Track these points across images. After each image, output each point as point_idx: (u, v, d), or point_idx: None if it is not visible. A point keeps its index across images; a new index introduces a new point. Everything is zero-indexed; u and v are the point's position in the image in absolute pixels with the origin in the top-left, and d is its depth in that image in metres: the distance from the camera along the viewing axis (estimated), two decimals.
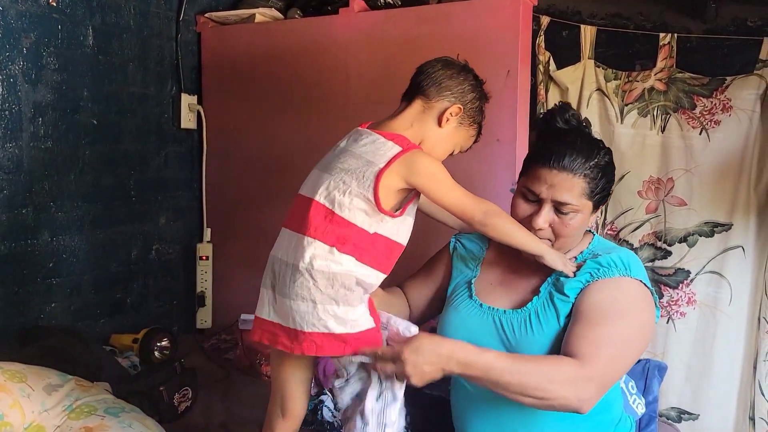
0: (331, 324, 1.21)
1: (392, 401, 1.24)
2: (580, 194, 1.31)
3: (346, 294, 1.22)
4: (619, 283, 1.29)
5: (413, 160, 1.22)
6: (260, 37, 2.37)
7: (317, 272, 1.20)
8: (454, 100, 1.30)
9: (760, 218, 2.22)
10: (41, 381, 1.53)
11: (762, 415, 2.22)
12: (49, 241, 1.99)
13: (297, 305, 1.22)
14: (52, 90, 1.96)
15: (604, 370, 1.20)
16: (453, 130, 1.32)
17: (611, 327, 1.23)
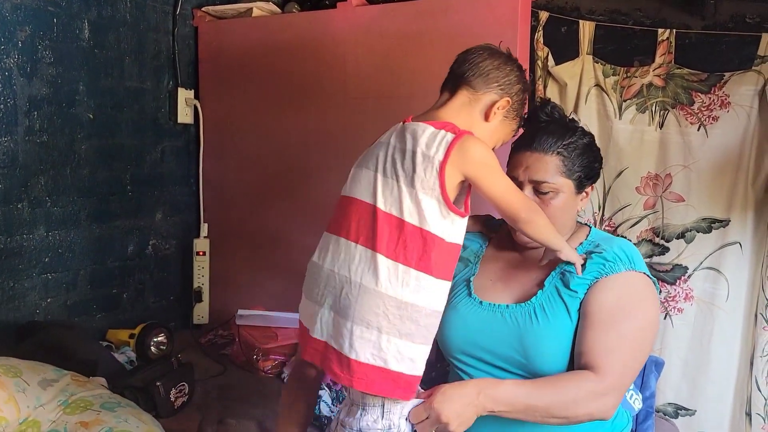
0: (391, 359, 1.12)
1: None
2: (555, 172, 1.33)
3: (411, 328, 1.12)
4: (626, 279, 1.30)
5: (466, 146, 1.14)
6: (257, 31, 2.36)
7: (389, 297, 1.10)
8: (501, 92, 1.24)
9: (758, 214, 2.22)
10: (37, 376, 1.52)
11: (758, 411, 2.22)
12: (44, 235, 1.98)
13: (360, 330, 1.11)
14: (47, 84, 1.94)
15: (621, 379, 1.24)
16: (499, 124, 1.26)
17: (622, 329, 1.26)
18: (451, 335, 1.38)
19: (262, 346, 2.02)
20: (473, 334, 1.33)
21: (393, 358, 1.12)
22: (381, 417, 1.16)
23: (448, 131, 1.16)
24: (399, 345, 1.12)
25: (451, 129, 1.17)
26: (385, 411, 1.16)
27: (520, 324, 1.31)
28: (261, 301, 2.33)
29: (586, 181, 1.38)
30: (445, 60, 1.32)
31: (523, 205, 1.21)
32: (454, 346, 1.39)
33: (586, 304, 1.29)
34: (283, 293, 2.36)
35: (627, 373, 1.26)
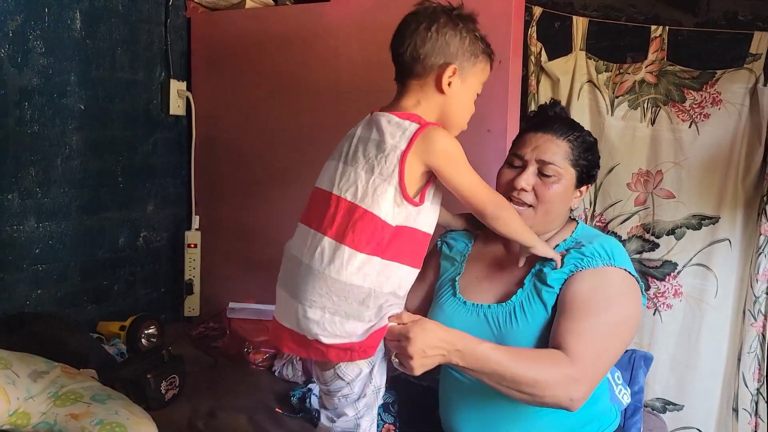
0: (339, 336, 1.14)
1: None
2: (563, 157, 1.36)
3: (358, 309, 1.14)
4: (603, 273, 1.30)
5: (431, 138, 1.13)
6: (251, 23, 2.34)
7: (333, 279, 1.12)
8: (444, 63, 1.18)
9: (747, 212, 2.24)
10: (27, 367, 1.52)
11: (745, 406, 2.25)
12: (35, 227, 1.96)
13: (307, 312, 1.14)
14: (38, 74, 1.93)
15: (594, 369, 1.21)
16: (461, 86, 1.21)
17: (597, 319, 1.24)
18: (443, 323, 1.38)
19: (253, 339, 2.02)
20: (462, 325, 1.34)
21: (341, 336, 1.14)
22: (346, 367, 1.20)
23: (413, 122, 1.16)
24: (345, 324, 1.13)
25: (416, 120, 1.16)
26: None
27: (500, 325, 1.32)
28: (252, 293, 2.32)
29: (586, 178, 1.41)
30: None
31: (491, 200, 1.21)
32: None
33: (562, 295, 1.29)
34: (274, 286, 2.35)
35: (599, 365, 1.23)
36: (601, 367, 1.25)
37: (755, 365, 2.23)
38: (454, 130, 1.24)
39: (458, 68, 1.19)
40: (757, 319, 2.21)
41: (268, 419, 1.69)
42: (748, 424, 2.25)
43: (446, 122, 1.21)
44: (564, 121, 1.42)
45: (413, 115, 1.18)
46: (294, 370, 1.93)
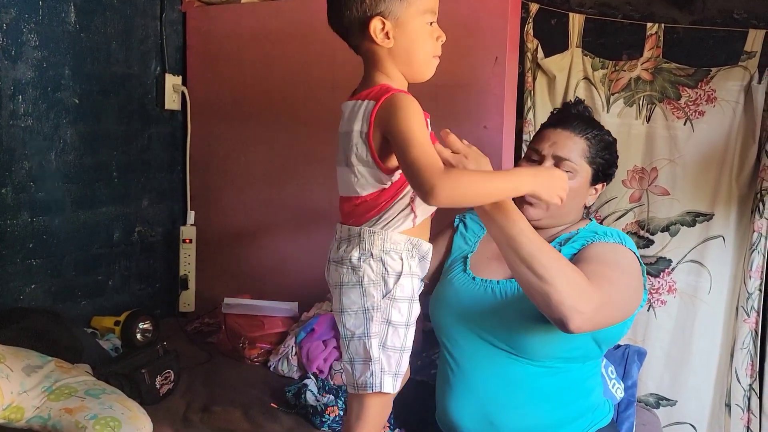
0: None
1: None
2: (579, 154, 1.40)
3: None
4: (616, 247, 1.34)
5: (385, 107, 1.10)
6: (247, 17, 2.34)
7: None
8: (367, 20, 1.12)
9: (741, 209, 2.24)
10: (20, 362, 1.51)
11: (738, 402, 2.26)
12: (29, 221, 1.96)
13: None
14: (32, 67, 1.92)
15: (604, 301, 1.20)
16: (401, 30, 1.13)
17: (612, 271, 1.26)
18: (444, 308, 1.42)
19: (249, 334, 2.02)
20: (465, 308, 1.35)
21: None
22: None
23: (371, 98, 1.12)
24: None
25: (374, 95, 1.13)
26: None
27: (508, 296, 1.34)
28: (247, 289, 2.32)
29: (602, 176, 1.44)
30: None
31: (428, 182, 1.03)
32: (446, 319, 1.42)
33: (576, 257, 1.31)
34: (269, 281, 2.36)
35: (608, 305, 1.22)
36: (608, 310, 1.23)
37: (748, 361, 2.24)
38: (424, 68, 1.19)
39: (385, 15, 1.12)
40: (750, 315, 2.21)
41: (263, 414, 1.69)
42: (740, 420, 2.26)
43: (412, 68, 1.17)
44: (584, 119, 1.45)
45: (374, 89, 1.14)
46: (289, 365, 1.93)
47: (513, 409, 1.34)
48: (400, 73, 1.17)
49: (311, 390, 1.72)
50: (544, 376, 1.35)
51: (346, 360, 1.20)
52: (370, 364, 1.16)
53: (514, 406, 1.34)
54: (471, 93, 2.00)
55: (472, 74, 1.99)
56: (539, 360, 1.33)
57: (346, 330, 1.18)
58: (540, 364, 1.33)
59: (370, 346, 1.15)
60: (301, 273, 2.32)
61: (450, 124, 2.01)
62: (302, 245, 2.31)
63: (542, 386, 1.35)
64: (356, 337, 1.17)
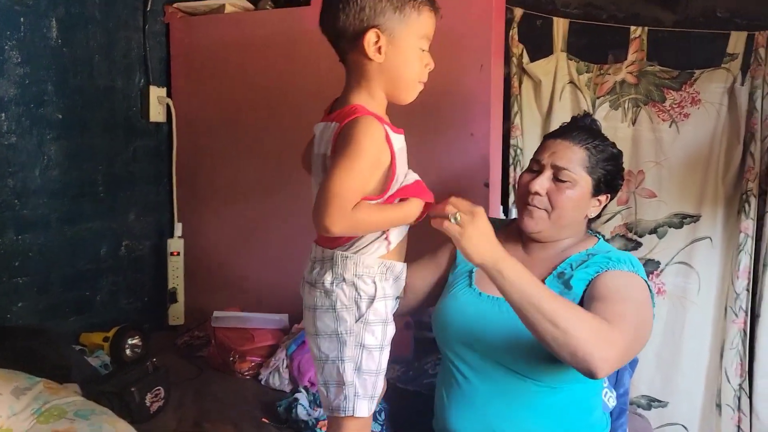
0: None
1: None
2: (578, 164, 1.39)
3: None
4: (631, 277, 1.33)
5: (344, 129, 1.08)
6: (230, 27, 2.33)
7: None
8: (362, 30, 1.10)
9: (728, 209, 2.26)
10: (9, 384, 1.49)
11: (728, 402, 2.28)
12: (14, 239, 1.94)
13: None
14: (15, 84, 1.90)
15: (626, 343, 1.20)
16: (394, 47, 1.12)
17: (629, 307, 1.26)
18: (450, 323, 1.41)
19: (239, 348, 2.01)
20: (470, 323, 1.35)
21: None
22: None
23: (336, 121, 1.11)
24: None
25: (341, 116, 1.11)
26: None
27: (514, 315, 1.33)
28: (237, 301, 2.31)
29: (605, 187, 1.43)
30: None
31: (327, 220, 1.04)
32: (451, 335, 1.41)
33: (591, 290, 1.30)
34: (259, 293, 2.35)
35: (630, 343, 1.22)
36: (630, 348, 1.23)
37: (737, 361, 2.26)
38: (408, 91, 1.17)
39: (382, 29, 1.10)
40: (738, 315, 2.23)
41: (254, 429, 1.68)
42: (731, 420, 2.28)
43: (396, 88, 1.15)
44: (587, 130, 1.45)
45: (345, 108, 1.13)
46: (281, 378, 1.92)
47: (515, 426, 1.34)
48: (383, 91, 1.15)
49: (302, 404, 1.71)
50: (548, 394, 1.35)
51: (321, 383, 1.19)
52: (344, 388, 1.15)
53: (517, 423, 1.34)
54: (457, 101, 2.00)
55: (458, 82, 1.99)
56: (543, 380, 1.33)
57: (321, 353, 1.17)
58: (544, 384, 1.33)
59: (343, 370, 1.15)
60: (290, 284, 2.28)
61: (437, 132, 2.04)
62: (291, 255, 2.28)
63: (546, 404, 1.35)
64: (330, 360, 1.16)
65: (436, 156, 2.03)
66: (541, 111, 2.40)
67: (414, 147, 2.02)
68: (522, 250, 1.48)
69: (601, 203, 1.45)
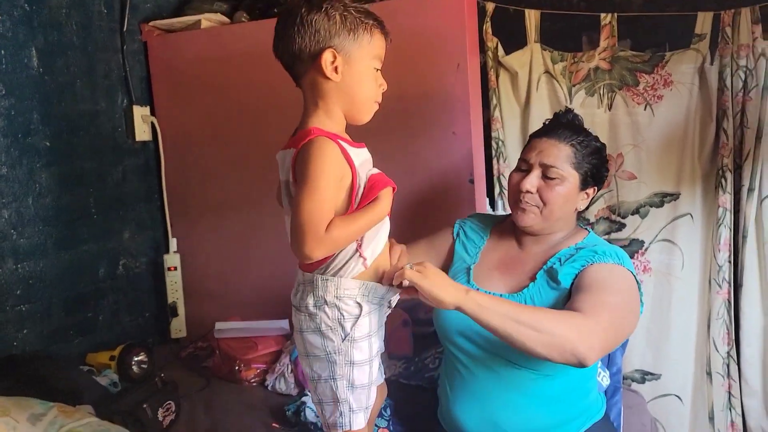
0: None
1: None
2: (565, 160, 1.45)
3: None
4: (615, 269, 1.39)
5: (300, 153, 1.10)
6: (208, 42, 2.35)
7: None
8: (317, 52, 1.12)
9: (705, 186, 2.33)
10: (24, 412, 1.53)
11: (718, 370, 2.36)
12: (14, 268, 1.97)
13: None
14: (1, 116, 1.92)
15: (608, 329, 1.27)
16: (349, 67, 1.14)
17: (611, 297, 1.32)
18: (451, 319, 1.47)
19: (243, 357, 2.06)
20: (470, 318, 1.40)
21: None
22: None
23: (292, 147, 1.14)
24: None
25: (295, 142, 1.13)
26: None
27: None
28: (237, 310, 2.36)
29: (591, 180, 1.50)
30: (396, 62, 1.32)
31: (314, 227, 1.07)
32: (451, 328, 1.48)
33: (577, 283, 1.37)
34: (257, 301, 2.40)
35: (610, 331, 1.28)
36: (611, 336, 1.29)
37: (724, 330, 2.34)
38: (365, 110, 1.20)
39: (338, 50, 1.13)
40: (722, 286, 2.31)
41: None
42: (721, 387, 2.36)
43: (354, 108, 1.18)
44: (571, 127, 1.51)
45: (298, 135, 1.15)
46: (287, 382, 1.97)
47: (517, 412, 1.41)
48: (340, 110, 1.17)
49: (310, 407, 1.77)
50: (545, 381, 1.42)
51: (315, 401, 1.25)
52: (338, 405, 1.20)
53: (517, 409, 1.41)
54: (437, 100, 2.05)
55: (437, 82, 2.04)
56: (540, 369, 1.39)
57: (313, 372, 1.21)
58: (541, 373, 1.40)
59: (336, 387, 1.19)
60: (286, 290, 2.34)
61: (419, 132, 2.09)
62: (286, 263, 2.32)
63: (543, 391, 1.42)
64: (323, 379, 1.20)
65: (421, 156, 2.09)
66: (520, 102, 2.45)
67: (399, 149, 2.10)
68: (516, 245, 1.55)
69: (588, 196, 1.52)
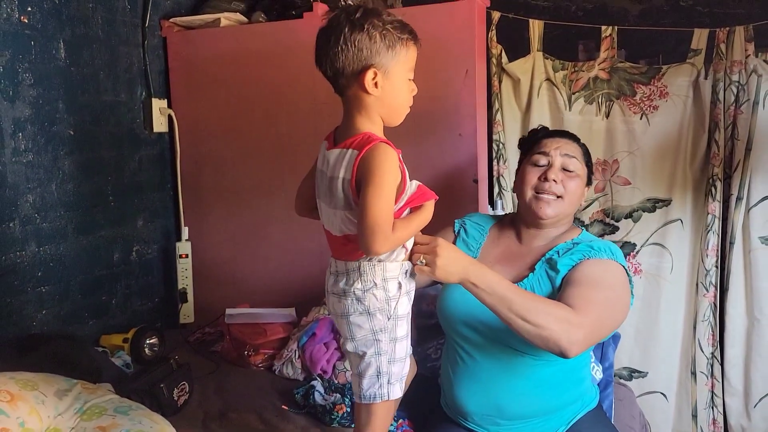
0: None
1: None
2: (580, 157, 1.61)
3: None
4: (608, 264, 1.50)
5: (365, 159, 1.19)
6: (226, 40, 2.44)
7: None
8: (362, 68, 1.21)
9: (696, 193, 2.45)
10: (51, 387, 1.62)
11: (702, 369, 2.48)
12: (36, 251, 2.05)
13: None
14: (29, 105, 2.00)
15: (593, 325, 1.37)
16: (388, 81, 1.23)
17: (600, 293, 1.43)
18: (453, 307, 1.58)
19: (253, 342, 2.15)
20: (473, 308, 1.49)
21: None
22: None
23: (354, 148, 1.22)
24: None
25: (357, 144, 1.22)
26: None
27: None
28: (244, 297, 2.45)
29: (589, 180, 1.65)
30: None
31: (377, 242, 1.18)
32: (455, 318, 1.58)
33: (570, 275, 1.48)
34: (265, 290, 2.50)
35: (597, 326, 1.39)
36: (598, 330, 1.40)
37: (709, 332, 2.46)
38: (399, 115, 1.30)
39: (378, 67, 1.21)
40: (708, 290, 2.43)
41: (276, 416, 1.83)
42: (705, 386, 2.48)
43: (390, 114, 1.28)
44: (569, 133, 1.68)
45: (358, 137, 1.23)
46: (294, 367, 2.06)
47: (519, 396, 1.52)
48: (380, 117, 1.27)
49: (318, 390, 1.87)
50: (544, 367, 1.52)
51: (356, 373, 1.34)
52: (379, 377, 1.31)
53: (519, 393, 1.52)
54: (446, 104, 2.16)
55: (446, 86, 2.15)
56: (540, 355, 1.49)
57: (357, 351, 1.31)
58: (541, 358, 1.50)
59: (380, 362, 1.31)
60: (294, 280, 2.46)
61: (428, 134, 2.20)
62: (294, 253, 2.45)
63: (542, 375, 1.53)
64: (367, 356, 1.31)
65: (428, 156, 2.19)
66: (521, 107, 2.56)
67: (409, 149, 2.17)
68: (516, 240, 1.66)
69: (587, 191, 1.67)
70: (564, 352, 1.32)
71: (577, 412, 1.58)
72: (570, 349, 1.32)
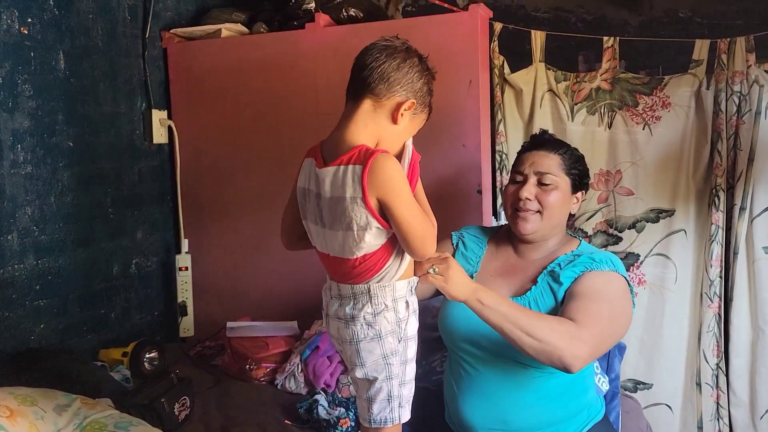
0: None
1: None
2: (557, 168, 1.58)
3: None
4: (610, 276, 1.50)
5: (375, 171, 1.17)
6: (227, 51, 2.43)
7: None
8: (405, 94, 1.23)
9: (699, 203, 2.44)
10: (51, 402, 1.59)
11: (707, 381, 2.46)
12: (34, 264, 2.03)
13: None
14: (28, 116, 1.99)
15: (596, 339, 1.38)
16: (408, 122, 1.27)
17: (603, 305, 1.43)
18: (456, 324, 1.56)
19: (255, 355, 2.12)
20: (475, 324, 1.47)
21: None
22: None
23: (355, 163, 1.18)
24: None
25: (357, 159, 1.18)
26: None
27: None
28: (245, 310, 2.42)
29: (579, 185, 1.62)
30: None
31: (422, 233, 1.21)
32: (458, 335, 1.56)
33: (572, 288, 1.48)
34: (265, 303, 2.47)
35: (600, 340, 1.40)
36: (601, 344, 1.42)
37: (714, 343, 2.44)
38: (390, 150, 1.27)
39: (415, 105, 1.25)
40: (713, 300, 2.42)
41: (279, 431, 1.80)
42: (710, 397, 2.46)
43: (386, 141, 1.26)
44: (553, 140, 1.66)
45: (354, 150, 1.20)
46: (296, 381, 2.03)
47: (524, 409, 1.50)
48: (377, 138, 1.25)
49: (322, 405, 1.84)
50: (549, 378, 1.50)
51: (365, 398, 1.31)
52: (390, 401, 1.29)
53: (525, 406, 1.50)
54: (450, 114, 2.14)
55: (450, 97, 2.13)
56: (545, 367, 1.47)
57: (367, 376, 1.28)
58: (544, 370, 1.49)
59: (391, 386, 1.28)
60: (296, 292, 2.43)
61: (432, 144, 2.19)
62: (295, 266, 2.42)
63: (547, 387, 1.51)
64: (378, 381, 1.28)
65: (432, 166, 2.17)
66: (523, 118, 2.55)
67: None
68: (514, 254, 1.65)
69: (578, 200, 1.65)
70: (568, 367, 1.34)
71: (584, 424, 1.56)
72: (574, 364, 1.34)
